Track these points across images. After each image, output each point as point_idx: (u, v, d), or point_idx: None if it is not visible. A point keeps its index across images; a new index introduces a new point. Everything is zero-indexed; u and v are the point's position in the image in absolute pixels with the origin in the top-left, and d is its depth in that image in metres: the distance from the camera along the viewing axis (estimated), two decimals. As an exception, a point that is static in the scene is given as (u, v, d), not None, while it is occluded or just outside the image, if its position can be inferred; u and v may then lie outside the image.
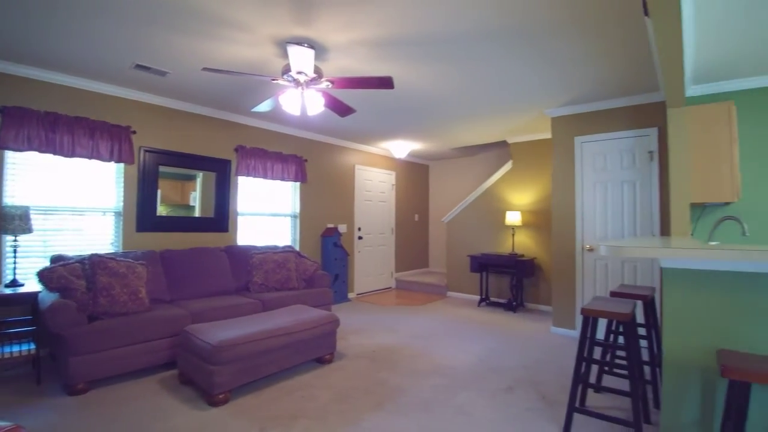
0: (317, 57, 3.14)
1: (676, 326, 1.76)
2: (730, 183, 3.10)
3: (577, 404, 2.66)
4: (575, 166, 4.43)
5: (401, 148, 6.63)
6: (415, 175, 8.05)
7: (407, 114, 4.77)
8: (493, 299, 6.03)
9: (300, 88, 3.03)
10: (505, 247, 6.05)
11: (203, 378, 2.67)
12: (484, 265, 5.77)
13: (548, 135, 5.63)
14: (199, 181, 4.59)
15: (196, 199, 4.57)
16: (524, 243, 5.88)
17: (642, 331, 3.64)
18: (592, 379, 3.05)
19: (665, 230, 3.92)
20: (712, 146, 3.17)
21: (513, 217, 5.61)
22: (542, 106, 4.46)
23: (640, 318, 3.67)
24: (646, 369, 3.21)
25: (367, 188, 6.81)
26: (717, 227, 3.39)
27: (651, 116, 4.03)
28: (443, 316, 5.14)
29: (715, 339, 1.67)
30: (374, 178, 6.97)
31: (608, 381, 3.07)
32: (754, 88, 3.44)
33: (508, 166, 6.09)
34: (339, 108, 3.52)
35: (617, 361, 3.06)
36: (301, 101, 3.91)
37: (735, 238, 3.43)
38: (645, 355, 3.63)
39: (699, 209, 3.61)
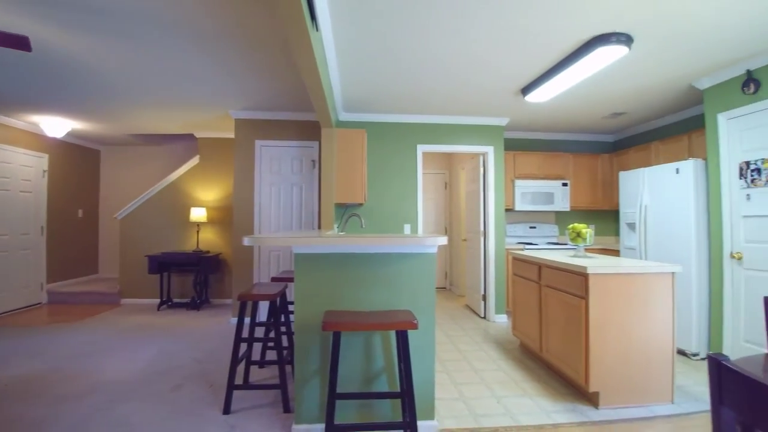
0: None
1: (302, 297, 2.27)
2: (361, 189, 4.20)
3: (241, 382, 2.97)
4: (255, 166, 4.84)
5: (57, 125, 5.30)
6: (79, 162, 6.59)
7: (63, 86, 3.88)
8: (176, 300, 5.74)
9: None
10: (189, 244, 5.88)
11: None
12: (166, 264, 5.42)
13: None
14: None
15: None
16: (210, 239, 5.91)
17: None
18: (259, 357, 3.45)
19: (321, 225, 4.88)
20: (351, 161, 4.20)
21: (198, 213, 5.53)
22: (227, 107, 4.63)
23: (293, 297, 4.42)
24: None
25: (2, 173, 5.05)
26: (347, 222, 4.49)
27: (314, 131, 4.91)
28: (113, 328, 4.49)
29: (326, 303, 2.27)
30: (13, 161, 5.25)
31: (272, 355, 3.55)
32: (377, 122, 4.79)
33: (195, 161, 5.94)
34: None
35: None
36: None
37: (358, 229, 4.66)
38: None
39: (343, 208, 4.70)
